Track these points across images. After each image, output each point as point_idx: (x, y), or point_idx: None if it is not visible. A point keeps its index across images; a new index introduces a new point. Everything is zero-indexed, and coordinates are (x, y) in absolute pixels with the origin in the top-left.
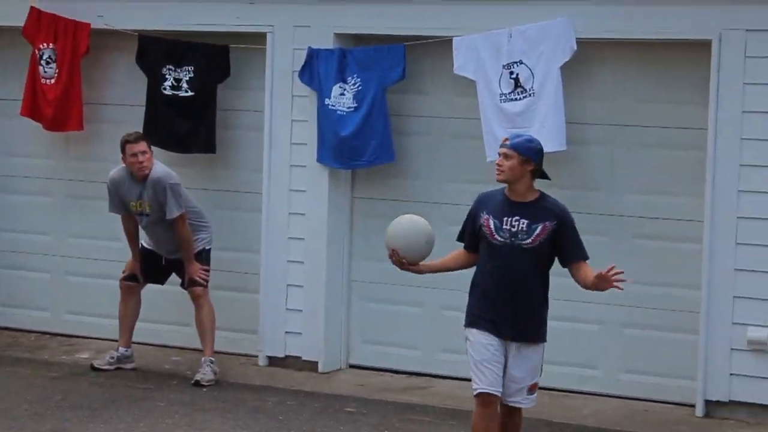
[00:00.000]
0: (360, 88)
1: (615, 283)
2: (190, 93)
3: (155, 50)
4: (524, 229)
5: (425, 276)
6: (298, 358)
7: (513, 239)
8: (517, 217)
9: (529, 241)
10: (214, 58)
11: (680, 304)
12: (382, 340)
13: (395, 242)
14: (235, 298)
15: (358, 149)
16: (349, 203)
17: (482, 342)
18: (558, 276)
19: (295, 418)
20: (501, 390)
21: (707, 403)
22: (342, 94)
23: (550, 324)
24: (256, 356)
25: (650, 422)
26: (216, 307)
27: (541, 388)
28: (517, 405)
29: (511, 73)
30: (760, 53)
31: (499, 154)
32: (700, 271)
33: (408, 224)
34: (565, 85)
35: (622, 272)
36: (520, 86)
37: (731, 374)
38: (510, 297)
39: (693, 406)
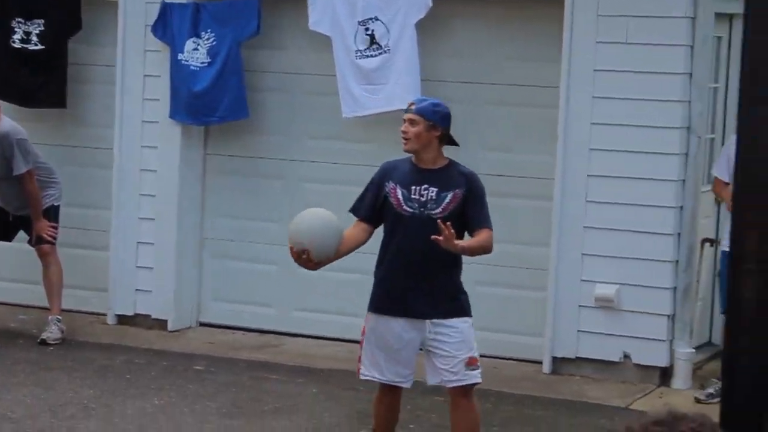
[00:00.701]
0: (214, 43)
1: None
2: (40, 46)
3: (3, 2)
4: (433, 198)
5: (280, 233)
6: (148, 316)
7: (422, 209)
8: (425, 186)
9: (439, 210)
10: (64, 11)
11: (530, 262)
12: (235, 298)
13: (306, 241)
14: (84, 255)
15: (211, 105)
16: (201, 160)
17: (386, 329)
18: None
19: (143, 376)
20: (398, 381)
21: (554, 359)
22: (195, 49)
23: None
24: (105, 315)
25: (498, 379)
26: (64, 264)
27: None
28: (459, 383)
29: (367, 29)
30: (611, 12)
31: (404, 120)
32: (549, 229)
33: (320, 223)
34: (421, 42)
35: None
36: (376, 43)
37: (579, 331)
38: (421, 271)
39: (540, 363)
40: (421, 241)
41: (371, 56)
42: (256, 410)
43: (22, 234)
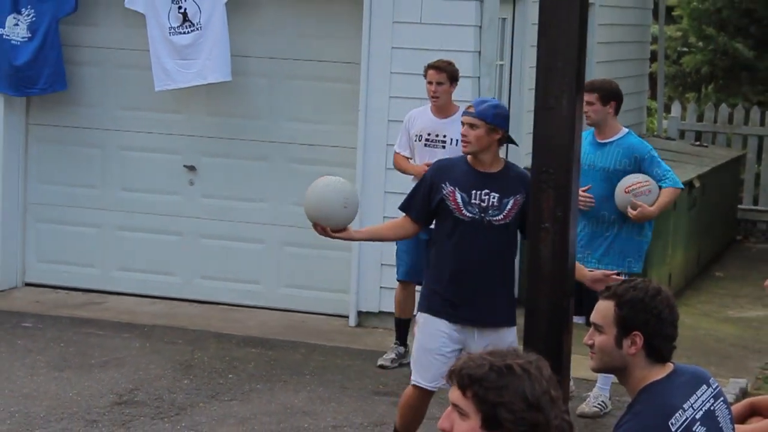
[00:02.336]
0: (34, 19)
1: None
2: None
3: None
4: (495, 204)
5: (101, 198)
6: None
7: (483, 215)
8: (486, 191)
9: (501, 217)
10: None
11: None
12: (59, 260)
13: (310, 212)
14: None
15: (32, 78)
16: (24, 129)
17: (435, 330)
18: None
19: None
20: (435, 385)
21: (359, 313)
22: (16, 25)
23: (214, 245)
24: None
25: (308, 332)
26: None
27: (210, 303)
28: None
29: (180, 7)
30: None
31: (463, 123)
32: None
33: (320, 190)
34: (230, 20)
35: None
36: (188, 20)
37: (381, 287)
38: (474, 278)
39: (347, 317)
40: (478, 247)
41: (184, 33)
42: (84, 363)
43: None
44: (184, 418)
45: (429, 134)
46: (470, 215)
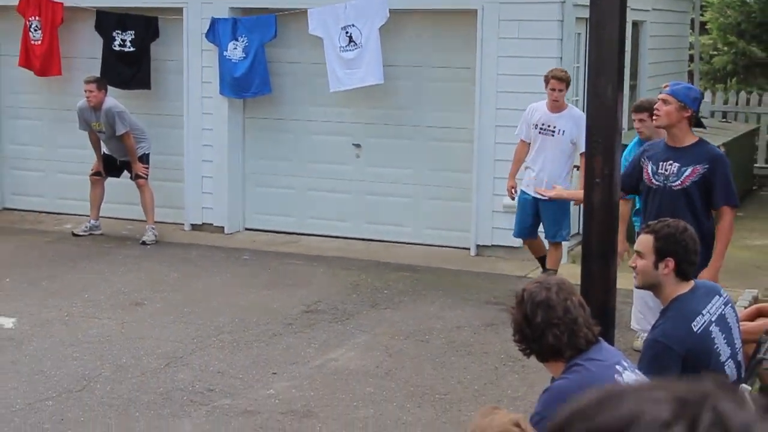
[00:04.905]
0: (247, 44)
1: None
2: (132, 48)
3: (107, 19)
4: (674, 171)
5: (294, 168)
6: (211, 224)
7: (665, 182)
8: (670, 161)
9: (678, 183)
10: (147, 25)
11: (460, 183)
12: (268, 212)
13: None
14: (166, 186)
15: (246, 85)
16: (242, 121)
17: None
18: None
19: (209, 263)
20: None
21: (478, 246)
22: (235, 49)
23: (375, 199)
24: (183, 224)
25: (441, 260)
26: (154, 192)
27: (373, 240)
28: None
29: (347, 32)
30: (508, 17)
31: (659, 99)
32: (471, 161)
33: None
34: (382, 39)
35: None
36: (353, 41)
37: (493, 228)
38: None
39: (469, 249)
40: (662, 209)
41: (350, 50)
42: (283, 284)
43: (126, 173)
44: (352, 321)
45: (543, 124)
46: (657, 183)
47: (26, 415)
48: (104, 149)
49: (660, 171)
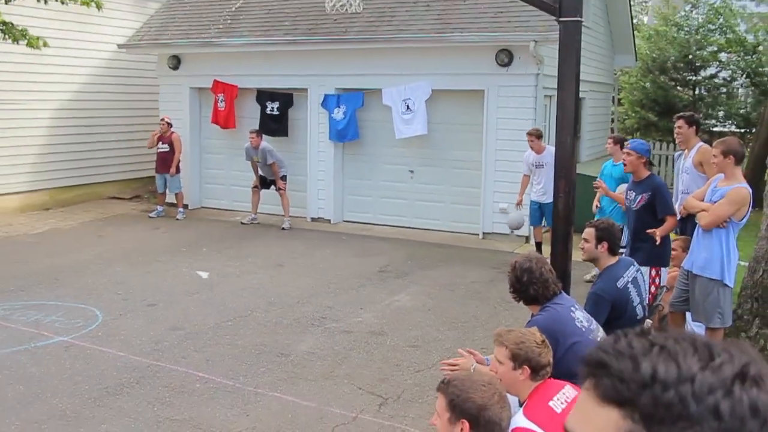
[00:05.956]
0: (345, 109)
1: None
2: (277, 112)
3: (263, 95)
4: (632, 198)
5: (374, 187)
6: (323, 218)
7: (630, 204)
8: (630, 191)
9: (634, 205)
10: (287, 98)
11: (473, 194)
12: (357, 210)
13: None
14: (296, 194)
15: (344, 134)
16: (341, 155)
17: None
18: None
19: (322, 241)
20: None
21: (484, 233)
22: (338, 112)
23: (422, 204)
24: (306, 217)
25: (461, 241)
26: (289, 198)
27: (420, 229)
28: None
29: (406, 103)
30: (503, 94)
31: (625, 152)
32: (480, 181)
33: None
34: (427, 107)
35: None
36: (409, 108)
37: (493, 222)
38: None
39: (478, 234)
40: (631, 220)
41: (407, 114)
42: (365, 254)
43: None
44: (407, 277)
45: (535, 161)
46: (628, 204)
47: (216, 330)
48: (260, 172)
49: (628, 197)
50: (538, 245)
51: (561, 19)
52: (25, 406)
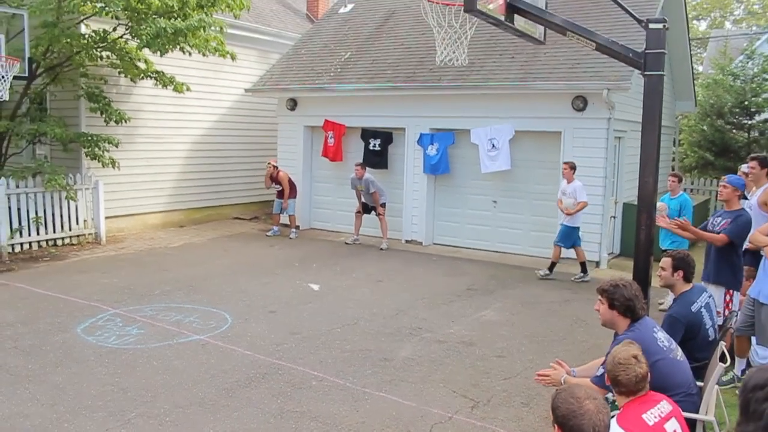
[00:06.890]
0: (438, 147)
1: None
2: (379, 148)
3: (367, 133)
4: (719, 223)
5: (461, 214)
6: (415, 240)
7: (713, 227)
8: (719, 217)
9: (717, 228)
10: (387, 136)
11: (548, 223)
12: (446, 234)
13: None
14: (393, 219)
15: (437, 167)
16: (434, 187)
17: None
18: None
19: (415, 261)
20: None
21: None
22: (431, 149)
23: (504, 231)
24: (401, 239)
25: (539, 263)
26: (387, 222)
27: (499, 252)
28: None
29: (491, 142)
30: (578, 135)
31: (721, 185)
32: (555, 212)
33: None
34: (510, 146)
35: None
36: (495, 147)
37: (567, 249)
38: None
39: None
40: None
41: (493, 152)
42: (454, 273)
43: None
44: (492, 295)
45: (563, 188)
46: (710, 229)
47: (327, 336)
48: (363, 199)
49: (714, 222)
50: (553, 264)
51: (646, 72)
52: (172, 393)
